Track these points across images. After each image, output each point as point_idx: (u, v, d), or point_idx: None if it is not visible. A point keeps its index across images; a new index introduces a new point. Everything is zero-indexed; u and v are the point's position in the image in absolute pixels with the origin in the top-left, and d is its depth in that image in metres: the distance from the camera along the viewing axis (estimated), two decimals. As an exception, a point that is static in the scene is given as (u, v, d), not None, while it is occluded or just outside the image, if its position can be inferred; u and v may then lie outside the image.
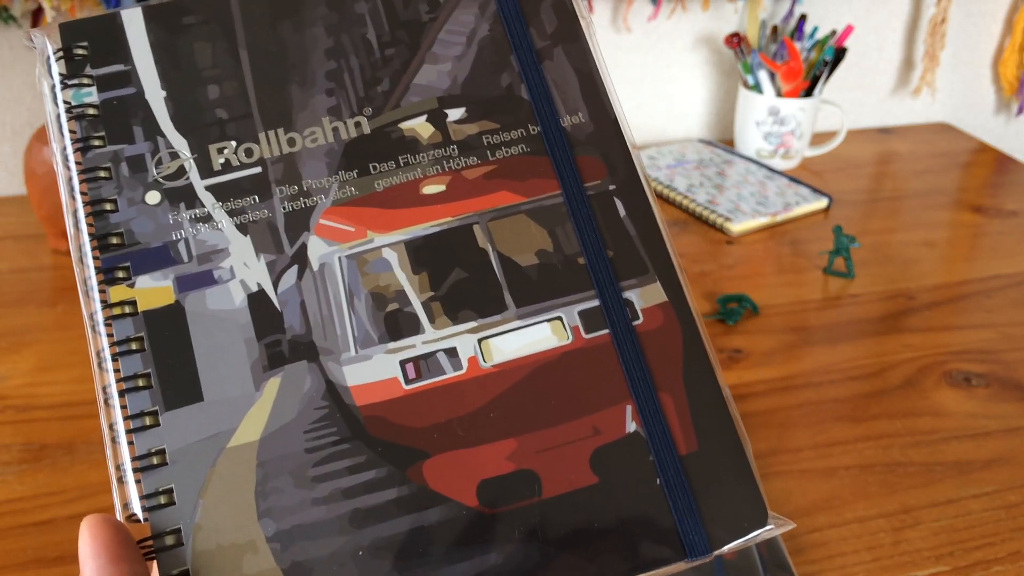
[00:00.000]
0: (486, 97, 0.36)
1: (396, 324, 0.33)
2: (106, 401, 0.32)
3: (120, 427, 0.32)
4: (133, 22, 0.36)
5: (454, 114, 0.35)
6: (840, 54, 1.11)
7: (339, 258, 0.33)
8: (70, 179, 0.34)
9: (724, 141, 1.21)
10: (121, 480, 0.32)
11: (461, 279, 0.33)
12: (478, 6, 0.37)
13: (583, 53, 0.38)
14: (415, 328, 0.33)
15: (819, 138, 1.18)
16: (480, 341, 0.33)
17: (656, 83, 1.18)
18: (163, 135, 0.34)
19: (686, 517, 0.34)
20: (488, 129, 0.36)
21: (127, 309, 0.33)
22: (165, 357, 0.32)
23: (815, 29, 1.13)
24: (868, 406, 0.74)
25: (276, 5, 0.37)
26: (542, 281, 0.34)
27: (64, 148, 0.34)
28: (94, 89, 0.35)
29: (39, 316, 0.79)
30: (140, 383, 0.32)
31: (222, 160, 0.34)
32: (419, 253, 0.33)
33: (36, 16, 0.92)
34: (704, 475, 0.35)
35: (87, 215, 0.34)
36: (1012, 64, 1.30)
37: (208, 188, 0.34)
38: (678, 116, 1.22)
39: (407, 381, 0.32)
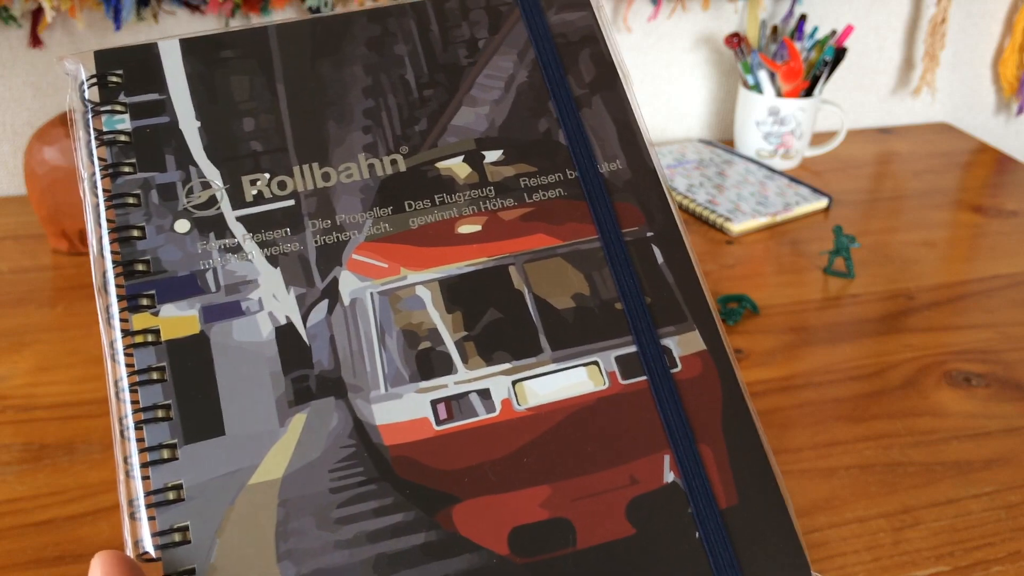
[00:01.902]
0: (524, 141, 0.36)
1: (428, 363, 0.32)
2: (122, 433, 0.31)
3: (135, 460, 0.31)
4: (170, 53, 0.36)
5: (491, 156, 0.35)
6: (840, 54, 1.11)
7: (371, 294, 0.32)
8: (96, 205, 0.34)
9: (724, 141, 1.21)
10: (133, 516, 0.30)
11: (496, 319, 0.33)
12: (517, 53, 0.38)
13: (621, 102, 0.38)
14: (447, 368, 0.32)
15: (819, 138, 1.18)
16: (514, 383, 0.32)
17: (656, 83, 1.18)
18: (195, 164, 0.34)
19: (726, 573, 0.33)
20: (525, 172, 0.35)
21: (150, 338, 0.32)
22: (187, 388, 0.31)
23: (815, 29, 1.13)
24: (868, 406, 0.74)
25: (315, 43, 0.37)
26: (578, 325, 0.33)
27: (93, 174, 0.34)
28: (127, 116, 0.35)
29: (39, 316, 0.79)
30: (160, 414, 0.31)
31: (255, 192, 0.34)
32: (453, 292, 0.33)
33: (36, 16, 0.92)
34: (745, 530, 0.34)
35: (112, 241, 0.33)
36: (1012, 64, 1.30)
37: (239, 219, 0.33)
38: (678, 116, 1.22)
39: (438, 422, 0.31)
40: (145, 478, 0.30)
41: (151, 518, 0.30)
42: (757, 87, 1.11)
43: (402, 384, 0.31)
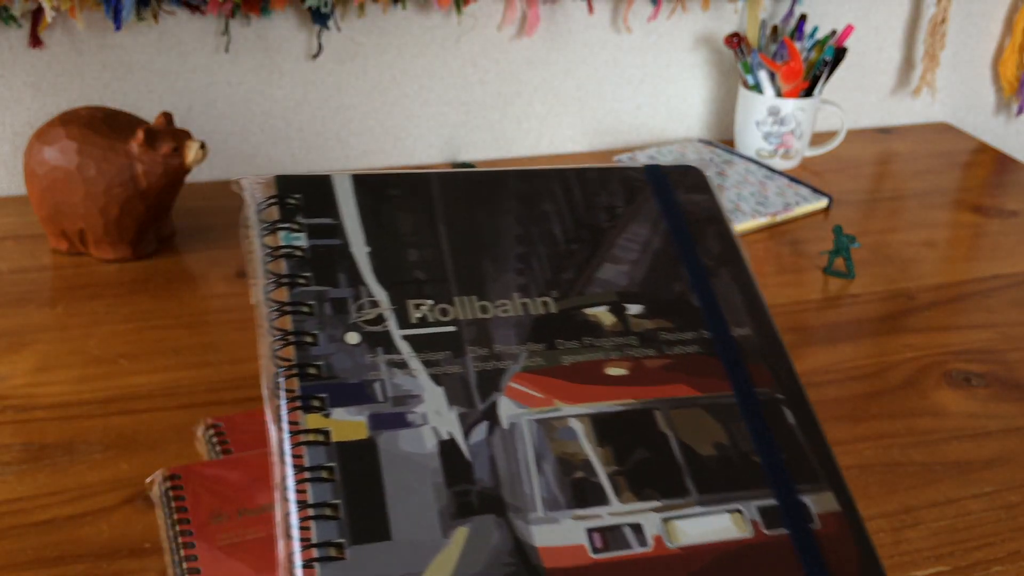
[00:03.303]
0: (661, 299, 0.39)
1: (583, 492, 0.33)
2: (287, 532, 0.31)
3: (297, 558, 0.31)
4: (343, 185, 0.40)
5: (633, 309, 0.39)
6: (840, 54, 1.11)
7: (528, 421, 0.34)
8: (268, 312, 0.36)
9: (724, 141, 1.21)
10: None
11: (644, 458, 0.34)
12: (651, 222, 0.42)
13: (745, 276, 0.42)
14: (601, 499, 0.33)
15: (819, 138, 1.18)
16: (665, 520, 0.33)
17: (656, 83, 1.18)
18: (365, 284, 0.37)
19: None
20: (664, 327, 0.39)
21: (320, 437, 0.33)
22: (356, 490, 0.32)
23: (815, 29, 1.13)
24: (868, 406, 0.74)
25: (473, 193, 0.41)
26: (720, 472, 0.35)
27: (268, 283, 0.37)
28: (304, 235, 0.38)
29: (39, 316, 0.79)
30: (328, 512, 0.32)
31: (419, 315, 0.37)
32: (604, 428, 0.34)
33: (36, 16, 0.92)
34: None
35: (286, 346, 0.35)
36: (1012, 64, 1.30)
37: (405, 338, 0.36)
38: (678, 116, 1.22)
39: (594, 550, 0.32)
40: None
41: None
42: (757, 87, 1.11)
43: (558, 509, 0.32)
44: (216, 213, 0.97)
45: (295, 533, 0.31)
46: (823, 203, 1.05)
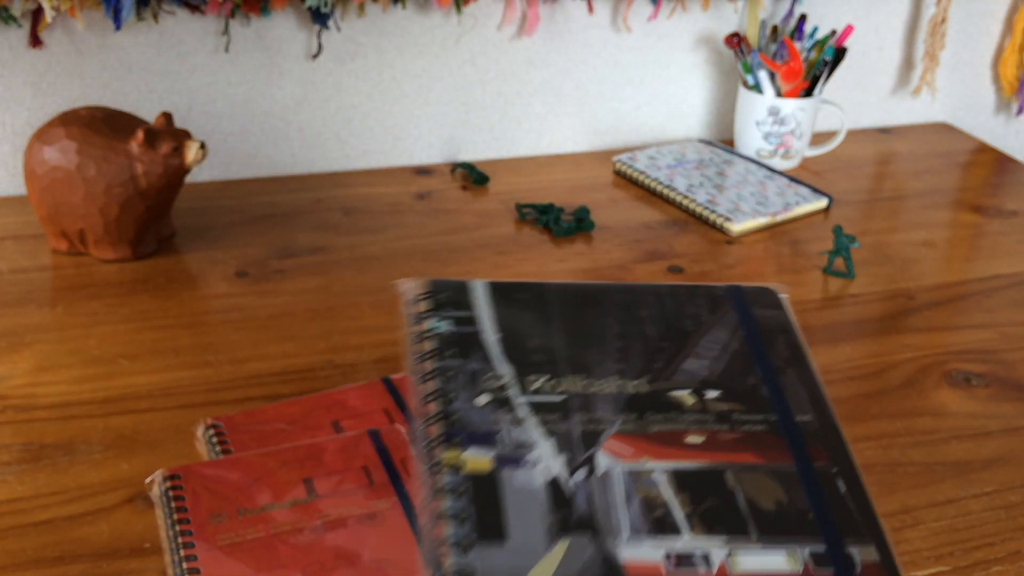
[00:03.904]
0: (736, 388, 0.48)
1: (662, 525, 0.41)
2: (430, 531, 0.42)
3: (435, 548, 0.41)
4: (479, 289, 0.52)
5: (711, 394, 0.47)
6: (840, 54, 1.11)
7: (620, 471, 0.43)
8: (419, 378, 0.48)
9: (724, 141, 1.21)
10: None
11: (714, 505, 0.42)
12: (730, 329, 0.51)
13: (811, 374, 0.50)
14: (677, 531, 0.41)
15: (819, 138, 1.18)
16: (730, 553, 0.40)
17: (656, 83, 1.18)
18: (493, 361, 0.48)
19: None
20: (737, 409, 0.47)
21: (456, 467, 0.43)
22: (482, 506, 0.41)
23: (815, 29, 1.13)
24: (868, 406, 0.74)
25: (583, 299, 0.52)
26: (779, 523, 0.42)
27: (418, 357, 0.48)
28: (448, 323, 0.49)
29: (39, 316, 0.79)
30: (462, 517, 0.41)
31: (536, 386, 0.47)
32: (682, 480, 0.43)
33: (36, 16, 0.92)
34: None
35: (431, 401, 0.46)
36: (1012, 64, 1.30)
37: (524, 403, 0.46)
38: (678, 116, 1.22)
39: (668, 569, 0.39)
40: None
41: None
42: (757, 87, 1.11)
43: (641, 536, 0.40)
44: (216, 213, 0.97)
45: (434, 532, 0.40)
46: (823, 203, 1.05)
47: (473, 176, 1.07)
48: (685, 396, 0.45)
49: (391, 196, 1.03)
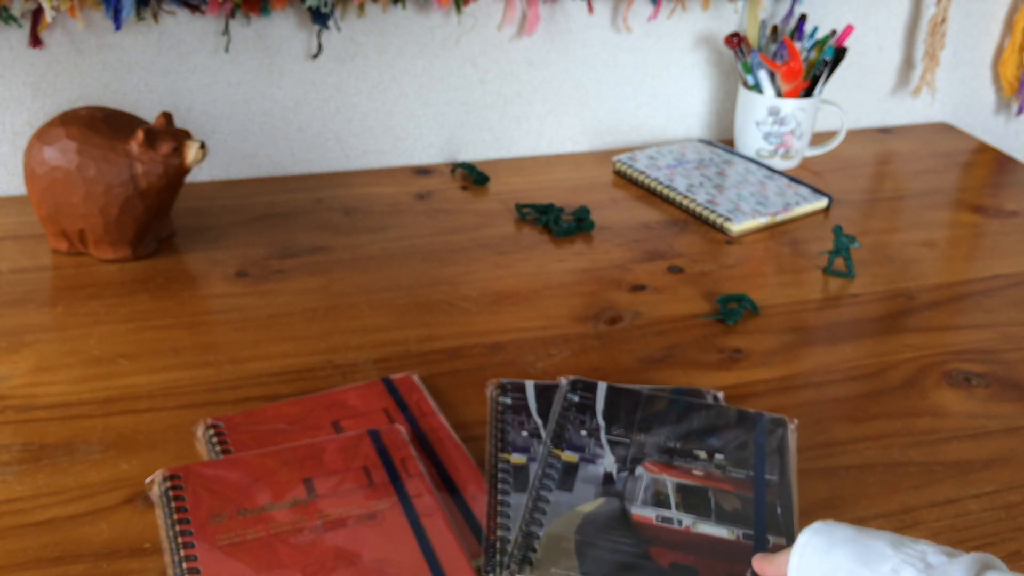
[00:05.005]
0: (735, 457, 0.67)
1: (661, 502, 0.63)
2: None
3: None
4: (601, 386, 0.73)
5: (718, 456, 0.67)
6: (840, 54, 1.11)
7: (646, 476, 0.65)
8: (555, 422, 0.70)
9: (724, 141, 1.21)
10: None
11: (695, 501, 0.63)
12: (746, 429, 0.70)
13: (786, 462, 0.67)
14: (668, 507, 0.62)
15: (819, 138, 1.18)
16: (694, 522, 0.61)
17: (656, 83, 1.18)
18: (597, 417, 0.70)
19: None
20: (730, 464, 0.66)
21: (559, 458, 0.66)
22: (565, 476, 0.65)
23: (815, 29, 1.13)
24: (868, 406, 0.74)
25: (659, 401, 0.72)
26: (730, 516, 0.62)
27: (560, 412, 0.70)
28: (577, 396, 0.72)
29: (39, 316, 0.79)
30: (555, 478, 0.64)
31: (615, 433, 0.69)
32: (681, 488, 0.64)
33: (36, 16, 0.92)
34: None
35: (556, 431, 0.68)
36: (1012, 64, 1.30)
37: (604, 439, 0.68)
38: (678, 116, 1.22)
39: (657, 521, 0.61)
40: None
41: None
42: (757, 87, 1.11)
43: (646, 505, 0.62)
44: (216, 213, 0.97)
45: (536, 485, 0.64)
46: (823, 203, 1.05)
47: (473, 176, 1.07)
48: (702, 453, 0.67)
49: (391, 196, 1.03)
